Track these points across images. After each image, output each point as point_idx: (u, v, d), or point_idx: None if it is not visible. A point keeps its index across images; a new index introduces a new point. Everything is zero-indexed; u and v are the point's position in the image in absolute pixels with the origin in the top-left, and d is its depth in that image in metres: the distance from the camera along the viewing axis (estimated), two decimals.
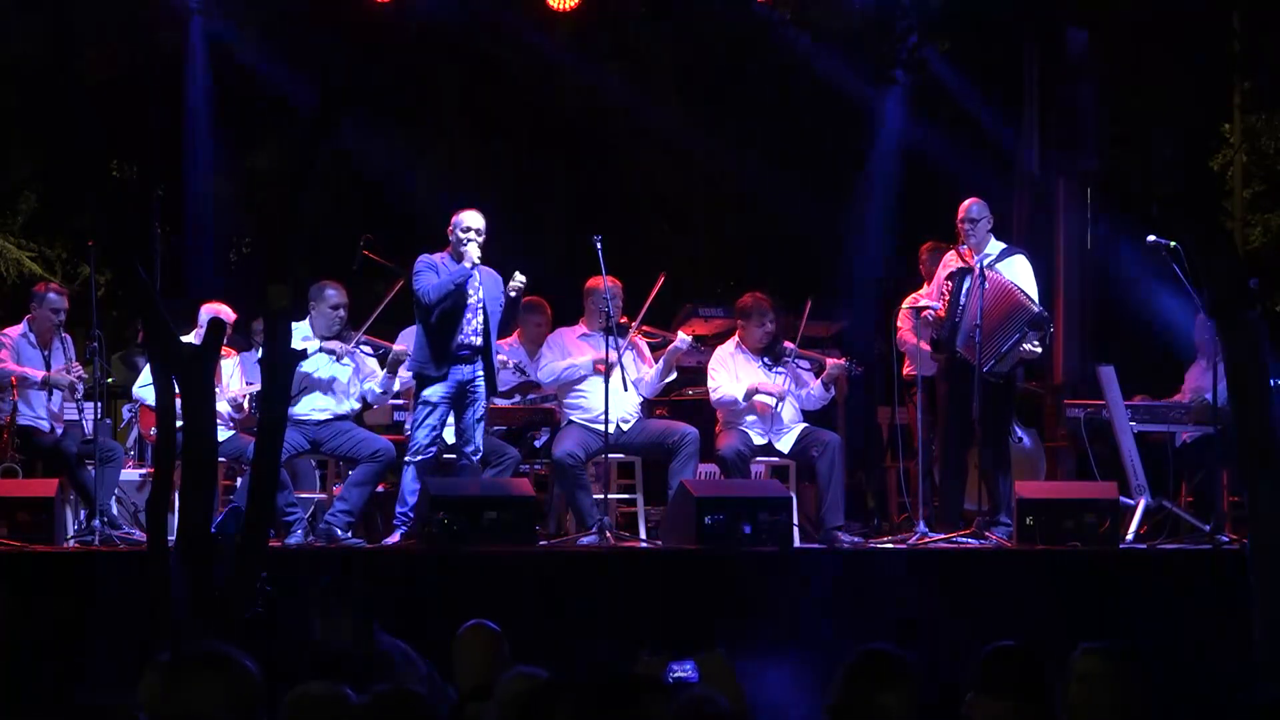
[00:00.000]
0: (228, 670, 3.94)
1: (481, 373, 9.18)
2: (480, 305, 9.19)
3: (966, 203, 9.66)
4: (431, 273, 9.12)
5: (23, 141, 11.93)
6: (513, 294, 9.26)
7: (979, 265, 9.46)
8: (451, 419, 9.25)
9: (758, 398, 9.74)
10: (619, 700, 3.66)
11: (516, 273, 9.23)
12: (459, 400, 9.17)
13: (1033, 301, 9.42)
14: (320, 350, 9.34)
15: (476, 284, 9.18)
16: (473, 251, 9.12)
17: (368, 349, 9.62)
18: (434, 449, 9.16)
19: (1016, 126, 11.71)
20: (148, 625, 6.26)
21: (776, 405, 9.75)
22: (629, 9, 11.94)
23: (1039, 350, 9.48)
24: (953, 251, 9.69)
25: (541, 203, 13.59)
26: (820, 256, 13.23)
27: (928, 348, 9.67)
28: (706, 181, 13.60)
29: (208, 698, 3.90)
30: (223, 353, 9.47)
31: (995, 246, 9.64)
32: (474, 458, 9.24)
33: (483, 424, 9.27)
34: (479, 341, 9.18)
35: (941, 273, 9.67)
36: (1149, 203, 9.03)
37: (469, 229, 9.18)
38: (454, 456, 9.34)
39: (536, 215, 13.51)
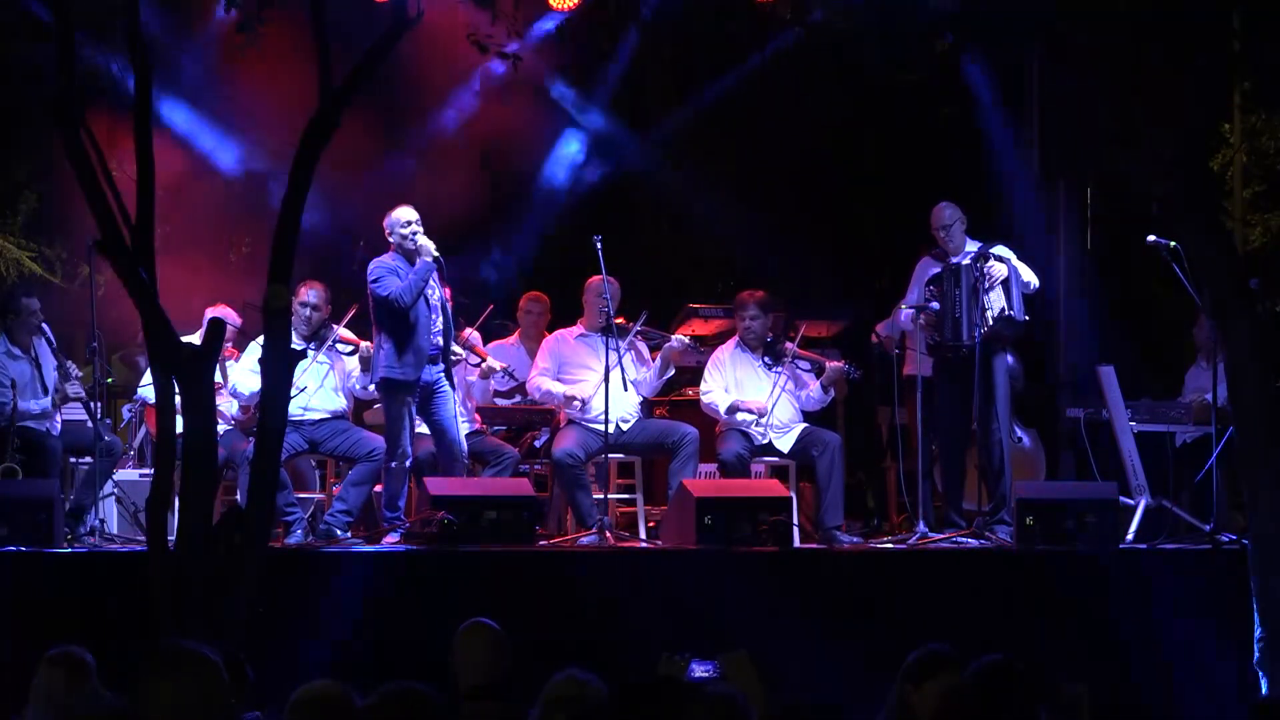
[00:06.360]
0: (192, 667, 3.95)
1: (443, 373, 9.15)
2: (439, 304, 9.15)
3: (938, 208, 9.73)
4: (394, 276, 8.99)
5: (22, 141, 11.89)
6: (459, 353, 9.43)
7: (960, 262, 9.49)
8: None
9: (739, 415, 9.73)
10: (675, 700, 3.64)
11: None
12: (425, 402, 9.11)
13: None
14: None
15: (433, 283, 9.12)
16: (429, 244, 9.05)
17: (345, 347, 9.57)
18: (410, 452, 9.11)
19: (1016, 126, 11.71)
20: (146, 625, 6.26)
21: (759, 423, 9.71)
22: (629, 8, 11.90)
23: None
24: (927, 257, 9.75)
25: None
26: (819, 257, 13.20)
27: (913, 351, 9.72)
28: (706, 182, 13.56)
29: (175, 694, 3.91)
30: (226, 353, 9.49)
31: (973, 245, 9.67)
32: (464, 457, 9.22)
33: (457, 420, 9.23)
34: (441, 342, 9.14)
35: (919, 279, 9.71)
36: (1149, 203, 9.01)
37: (409, 223, 9.09)
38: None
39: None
